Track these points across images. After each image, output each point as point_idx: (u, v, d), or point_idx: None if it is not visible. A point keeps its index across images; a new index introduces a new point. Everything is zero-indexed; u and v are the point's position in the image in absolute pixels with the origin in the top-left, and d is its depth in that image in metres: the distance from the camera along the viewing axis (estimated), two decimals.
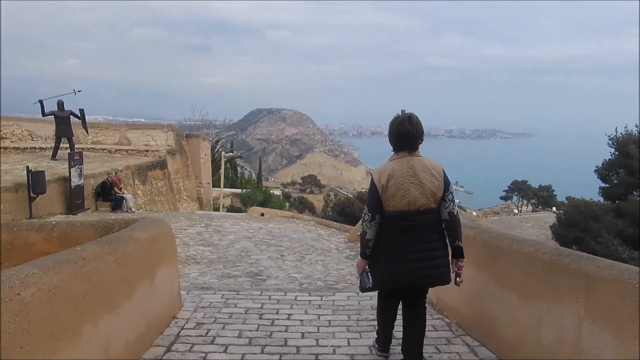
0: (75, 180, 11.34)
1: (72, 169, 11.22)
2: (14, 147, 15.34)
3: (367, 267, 2.84)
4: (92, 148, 18.18)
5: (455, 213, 2.79)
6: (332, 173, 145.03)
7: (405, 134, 2.74)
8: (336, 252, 8.07)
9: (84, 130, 16.52)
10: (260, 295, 4.56)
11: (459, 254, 2.86)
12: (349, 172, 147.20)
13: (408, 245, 2.71)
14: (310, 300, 4.44)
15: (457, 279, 2.91)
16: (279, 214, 15.16)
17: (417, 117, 2.80)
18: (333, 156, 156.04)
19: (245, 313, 4.02)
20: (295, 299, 4.49)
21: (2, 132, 15.85)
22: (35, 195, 9.94)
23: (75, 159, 11.43)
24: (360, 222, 2.86)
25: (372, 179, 2.82)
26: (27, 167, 9.87)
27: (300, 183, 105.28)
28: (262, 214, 14.94)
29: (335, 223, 14.69)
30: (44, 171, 10.10)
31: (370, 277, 2.80)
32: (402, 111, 2.83)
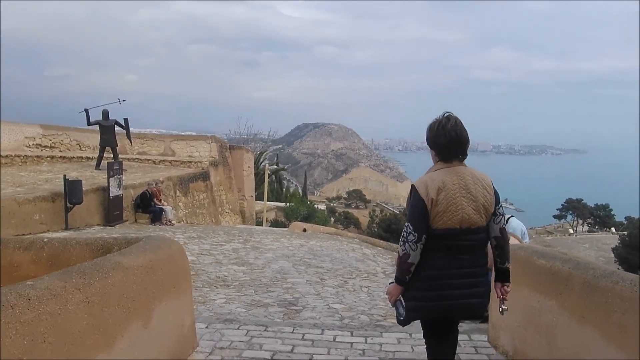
0: (114, 191, 11.05)
1: (111, 179, 10.94)
2: (60, 157, 15.48)
3: (401, 295, 2.44)
4: (137, 158, 18.19)
5: (505, 230, 2.49)
6: (378, 188, 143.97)
7: (457, 139, 2.39)
8: (383, 277, 7.16)
9: (128, 140, 16.48)
10: (293, 332, 3.76)
11: (506, 277, 2.50)
12: (394, 187, 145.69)
13: (454, 269, 2.37)
14: (352, 343, 3.60)
15: (502, 306, 2.52)
16: (322, 230, 14.38)
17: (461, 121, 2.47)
18: (379, 171, 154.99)
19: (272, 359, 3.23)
20: (334, 339, 3.66)
21: (51, 142, 16.07)
22: (71, 206, 9.66)
23: (115, 168, 11.16)
24: (400, 242, 2.41)
25: (414, 192, 2.40)
26: (64, 176, 9.62)
27: (346, 198, 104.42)
28: (305, 230, 14.21)
29: (381, 242, 13.73)
30: (80, 180, 9.83)
31: (404, 304, 2.43)
32: (444, 114, 2.48)
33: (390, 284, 2.50)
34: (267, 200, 27.55)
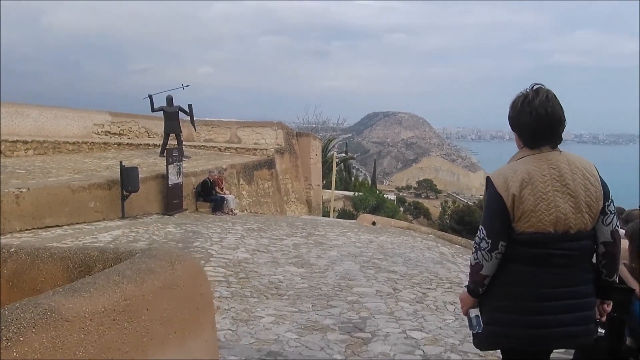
0: (173, 178, 10.53)
1: (170, 166, 10.42)
2: (127, 144, 15.44)
3: (477, 306, 1.99)
4: (203, 146, 17.91)
5: (618, 233, 1.92)
6: (449, 178, 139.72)
7: (547, 118, 1.87)
8: None
9: (192, 127, 16.14)
10: None
11: (608, 293, 1.96)
12: (466, 178, 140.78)
13: (548, 288, 1.84)
14: None
15: (600, 330, 2.00)
16: (392, 224, 13.11)
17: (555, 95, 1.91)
18: (450, 160, 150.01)
19: None
20: None
21: (120, 129, 16.09)
22: (127, 194, 9.20)
23: (174, 155, 10.63)
24: (473, 248, 1.95)
25: (491, 187, 1.92)
26: (120, 162, 9.15)
27: (416, 187, 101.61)
28: (374, 223, 13.03)
29: (459, 238, 12.24)
30: (137, 167, 9.34)
31: (481, 321, 1.96)
32: (532, 86, 1.93)
33: (464, 287, 2.09)
34: (335, 190, 26.61)
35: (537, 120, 1.89)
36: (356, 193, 30.55)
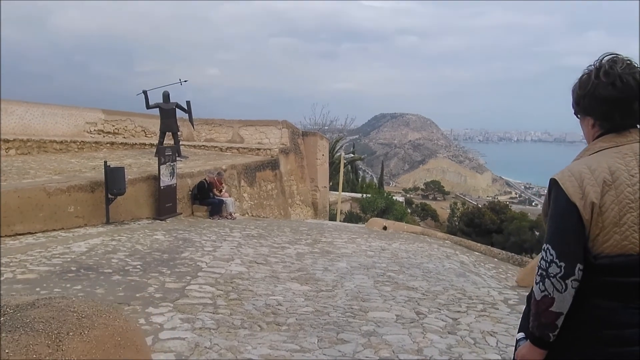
0: (165, 180, 9.59)
1: (162, 167, 9.48)
2: (122, 143, 14.54)
3: None
4: (203, 146, 17.01)
5: None
6: (456, 179, 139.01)
7: (633, 89, 1.43)
8: (507, 311, 4.82)
9: (191, 125, 15.23)
10: None
11: None
12: (473, 179, 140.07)
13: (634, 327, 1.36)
14: None
15: None
16: (405, 229, 12.11)
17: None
18: (457, 162, 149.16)
19: None
20: None
21: (114, 128, 15.20)
22: (113, 197, 8.27)
23: (167, 154, 9.69)
24: (536, 277, 1.44)
25: (559, 192, 1.44)
26: (105, 162, 8.23)
27: (423, 189, 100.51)
28: (385, 228, 12.04)
29: (478, 245, 11.23)
30: (123, 167, 8.41)
31: None
32: (601, 59, 1.50)
33: (519, 340, 1.54)
34: (342, 191, 25.61)
35: (623, 91, 1.45)
36: (364, 195, 29.50)
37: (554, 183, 1.48)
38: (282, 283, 5.30)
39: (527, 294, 1.55)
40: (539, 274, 1.46)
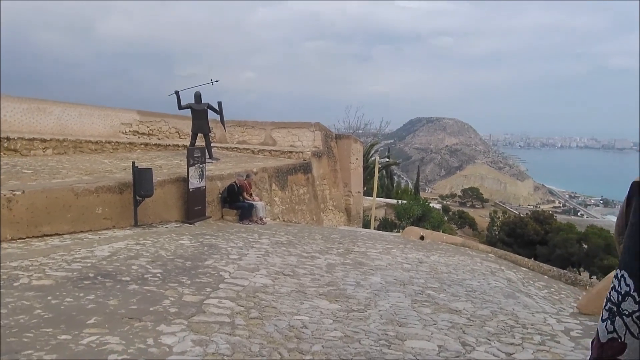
0: (194, 182, 9.33)
1: (190, 169, 9.23)
2: (155, 144, 14.49)
3: None
4: (235, 148, 16.81)
5: None
6: (495, 186, 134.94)
7: None
8: (568, 341, 4.18)
9: (222, 127, 15.03)
10: None
11: None
12: (514, 187, 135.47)
13: None
14: None
15: None
16: (444, 240, 11.42)
17: None
18: (497, 168, 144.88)
19: None
20: None
21: (149, 129, 15.18)
22: (140, 199, 8.05)
23: (196, 156, 9.44)
24: (603, 312, 1.08)
25: None
26: (133, 163, 8.01)
27: (460, 196, 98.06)
28: (422, 237, 11.40)
29: (526, 259, 10.43)
30: (151, 169, 8.17)
31: None
32: None
33: None
34: (377, 197, 24.96)
35: None
36: (399, 201, 28.71)
37: (637, 189, 1.05)
38: (309, 299, 4.83)
39: (590, 324, 1.05)
40: (607, 308, 1.09)
